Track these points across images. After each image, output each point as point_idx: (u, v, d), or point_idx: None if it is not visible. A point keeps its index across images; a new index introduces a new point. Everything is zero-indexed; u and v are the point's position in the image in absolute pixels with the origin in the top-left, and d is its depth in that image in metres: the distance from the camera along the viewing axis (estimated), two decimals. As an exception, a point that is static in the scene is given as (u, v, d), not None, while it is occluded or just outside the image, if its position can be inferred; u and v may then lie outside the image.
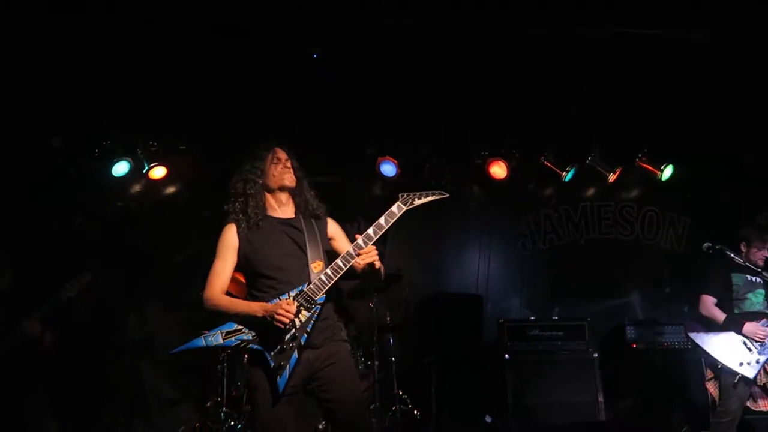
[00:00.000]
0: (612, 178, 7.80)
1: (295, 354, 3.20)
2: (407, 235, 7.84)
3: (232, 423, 6.35)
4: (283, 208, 3.47)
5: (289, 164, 3.51)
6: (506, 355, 6.70)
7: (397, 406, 6.45)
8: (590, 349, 6.82)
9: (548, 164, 7.84)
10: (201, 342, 3.28)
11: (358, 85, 6.82)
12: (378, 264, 3.34)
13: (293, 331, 3.22)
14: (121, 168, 7.30)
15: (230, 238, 3.43)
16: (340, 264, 3.29)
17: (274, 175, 3.47)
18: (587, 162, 7.82)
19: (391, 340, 6.73)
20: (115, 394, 7.22)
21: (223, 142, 7.52)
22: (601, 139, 7.80)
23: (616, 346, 7.12)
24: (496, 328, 7.10)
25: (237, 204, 3.44)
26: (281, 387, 3.17)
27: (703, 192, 8.11)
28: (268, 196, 3.45)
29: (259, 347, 3.23)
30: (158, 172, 7.47)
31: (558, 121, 7.48)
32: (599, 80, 6.80)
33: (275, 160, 3.53)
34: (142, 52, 6.29)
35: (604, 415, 6.66)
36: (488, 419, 6.54)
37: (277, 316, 3.18)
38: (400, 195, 3.48)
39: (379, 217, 3.42)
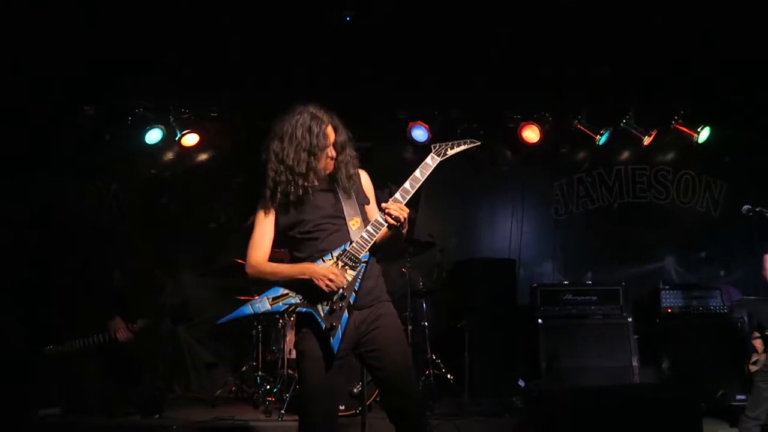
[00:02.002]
0: (647, 141, 7.66)
1: (346, 314, 3.16)
2: (439, 200, 7.82)
3: (268, 387, 6.43)
4: (318, 175, 3.38)
5: (334, 154, 3.36)
6: (539, 320, 6.66)
7: (431, 371, 6.48)
8: (624, 314, 6.75)
9: (581, 127, 7.72)
10: (248, 309, 3.23)
11: (389, 50, 6.75)
12: (402, 221, 3.19)
13: (341, 290, 3.19)
14: (154, 136, 7.37)
15: (265, 208, 3.38)
16: (380, 220, 3.23)
17: (321, 160, 3.32)
18: (622, 125, 7.68)
19: (424, 305, 6.74)
20: (155, 359, 7.33)
21: (254, 108, 7.53)
22: (636, 100, 7.64)
23: (651, 310, 7.03)
24: (528, 292, 7.07)
25: (280, 175, 3.31)
26: (335, 347, 3.12)
27: (740, 155, 7.92)
28: (307, 178, 3.34)
29: (309, 309, 3.18)
30: (190, 140, 7.53)
31: (591, 83, 7.34)
32: (634, 39, 6.65)
33: (326, 144, 3.33)
34: (173, 17, 6.28)
35: (638, 379, 6.63)
36: (521, 383, 6.53)
37: (328, 283, 3.14)
38: (432, 146, 3.39)
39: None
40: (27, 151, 7.22)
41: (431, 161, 3.35)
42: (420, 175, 3.32)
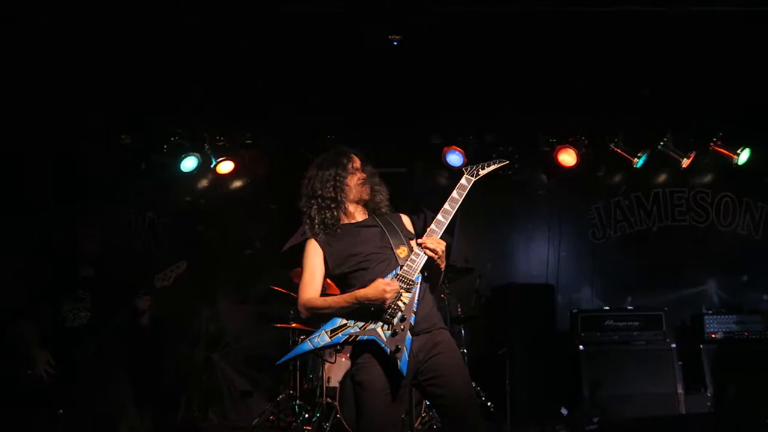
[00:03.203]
0: (686, 163, 7.54)
1: (409, 335, 3.12)
2: (474, 225, 7.75)
3: (307, 416, 6.36)
4: (356, 213, 3.46)
5: (364, 176, 3.47)
6: (581, 346, 6.57)
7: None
8: (668, 339, 6.65)
9: (618, 150, 7.62)
10: (308, 345, 3.19)
11: (423, 75, 6.73)
12: (440, 254, 3.23)
13: (400, 313, 3.16)
14: (189, 164, 7.40)
15: (313, 248, 3.40)
16: (418, 251, 3.26)
17: (351, 186, 3.43)
18: (659, 147, 7.57)
19: (463, 332, 6.66)
20: (190, 386, 7.32)
21: (288, 136, 7.57)
22: (673, 122, 7.53)
23: (694, 335, 6.91)
24: (567, 318, 6.98)
25: (313, 209, 3.41)
26: (404, 369, 3.07)
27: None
28: (344, 204, 3.42)
29: (371, 337, 3.14)
30: (225, 167, 7.54)
31: (628, 105, 7.26)
32: (671, 60, 6.58)
33: (353, 170, 3.47)
34: (208, 45, 6.32)
35: (684, 407, 6.48)
36: (564, 412, 6.41)
37: (386, 295, 3.11)
38: (464, 169, 3.50)
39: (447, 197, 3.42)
40: (64, 179, 7.30)
41: (466, 182, 3.44)
42: (458, 196, 3.40)
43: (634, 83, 6.92)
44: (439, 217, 3.32)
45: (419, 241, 3.26)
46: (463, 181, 3.43)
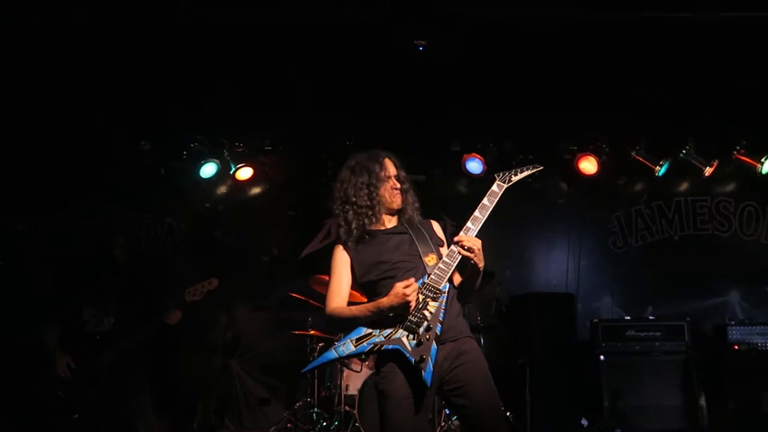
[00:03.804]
0: (708, 171, 7.45)
1: (434, 345, 3.07)
2: (494, 233, 7.66)
3: (325, 424, 6.32)
4: (385, 219, 3.41)
5: (398, 183, 3.40)
6: (601, 356, 6.50)
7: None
8: (690, 351, 6.56)
9: (640, 158, 7.54)
10: (333, 354, 3.16)
11: (443, 82, 6.71)
12: (476, 251, 3.16)
13: (426, 323, 3.10)
14: (209, 170, 7.41)
15: (340, 255, 3.37)
16: (455, 249, 3.19)
17: (383, 195, 3.36)
18: (681, 155, 7.49)
19: (482, 341, 6.59)
20: (207, 393, 7.30)
21: (307, 142, 7.56)
22: (696, 130, 7.45)
23: (717, 347, 6.81)
24: (588, 327, 6.91)
25: (347, 213, 3.36)
26: (429, 380, 3.02)
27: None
28: (379, 213, 3.36)
29: (395, 346, 3.09)
30: (245, 173, 7.55)
31: (650, 113, 7.19)
32: (693, 67, 6.51)
33: (385, 177, 3.39)
34: (227, 51, 6.33)
35: (707, 420, 6.39)
36: (584, 422, 6.34)
37: (406, 299, 3.05)
38: (496, 175, 3.41)
39: (480, 201, 3.34)
40: (84, 185, 7.34)
41: (497, 188, 3.36)
42: (488, 202, 3.32)
43: (656, 90, 6.86)
44: (469, 224, 3.25)
45: (455, 238, 3.18)
46: (494, 187, 3.35)
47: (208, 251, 7.66)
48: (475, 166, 7.45)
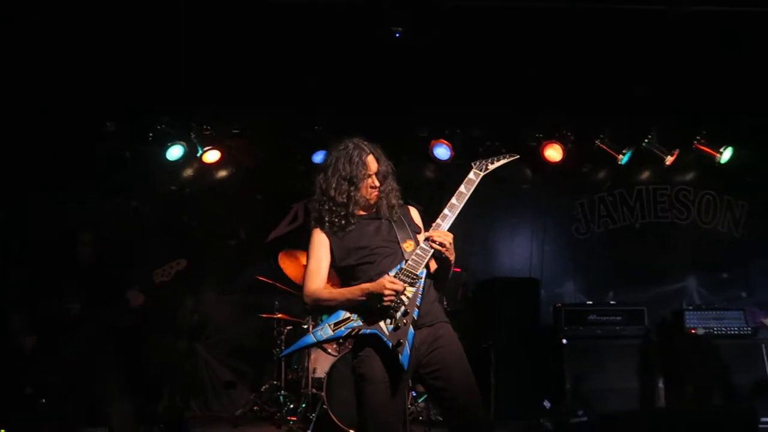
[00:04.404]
0: (669, 160, 7.63)
1: (411, 329, 3.11)
2: (459, 219, 7.73)
3: (292, 406, 6.36)
4: (365, 206, 3.41)
5: (377, 182, 3.38)
6: (564, 340, 6.63)
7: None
8: (649, 335, 6.73)
9: (604, 146, 7.68)
10: (311, 339, 3.19)
11: (411, 68, 6.73)
12: (448, 246, 3.22)
13: (403, 307, 3.15)
14: (175, 152, 7.34)
15: (319, 237, 3.39)
16: (425, 246, 3.25)
17: (361, 193, 3.36)
18: (644, 144, 7.65)
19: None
20: (173, 377, 7.28)
21: (275, 126, 7.54)
22: (658, 120, 7.61)
23: (675, 331, 6.98)
24: (551, 312, 7.04)
25: (324, 205, 3.37)
26: (406, 363, 3.07)
27: (763, 175, 7.89)
28: (353, 210, 3.37)
29: (373, 330, 3.13)
30: (212, 156, 7.50)
31: (615, 103, 7.31)
32: (657, 59, 6.64)
33: (366, 176, 3.37)
34: (194, 33, 6.26)
35: (664, 401, 6.58)
36: (547, 404, 6.44)
37: (387, 292, 3.11)
38: (473, 163, 3.45)
39: (456, 189, 3.38)
40: (47, 168, 7.21)
41: (474, 176, 3.41)
42: (465, 190, 3.38)
43: (621, 81, 6.97)
44: (446, 211, 3.30)
45: (426, 234, 3.24)
46: (471, 175, 3.40)
47: (175, 234, 7.61)
48: (443, 152, 7.52)
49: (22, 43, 6.19)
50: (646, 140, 7.63)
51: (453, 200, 3.33)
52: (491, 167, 3.44)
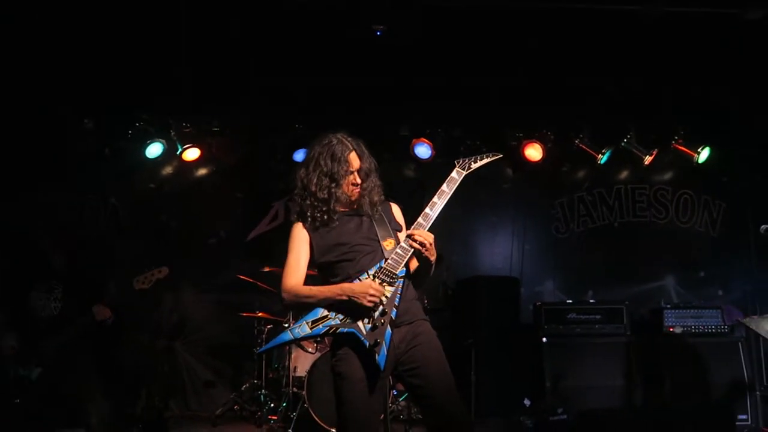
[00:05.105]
0: (648, 160, 7.69)
1: (389, 329, 3.11)
2: (440, 218, 7.74)
3: (273, 405, 6.34)
4: (346, 203, 3.39)
5: (359, 179, 3.36)
6: (544, 338, 6.65)
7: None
8: (628, 333, 6.77)
9: (583, 146, 7.73)
10: (288, 336, 3.17)
11: (392, 67, 6.73)
12: (428, 246, 3.22)
13: (381, 307, 3.14)
14: (154, 150, 7.30)
15: (299, 232, 3.37)
16: (405, 246, 3.24)
17: (343, 191, 3.33)
18: (623, 144, 7.71)
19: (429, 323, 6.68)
20: (151, 377, 7.22)
21: (256, 124, 7.50)
22: (636, 120, 7.67)
23: (653, 330, 7.04)
24: (531, 311, 7.07)
25: (305, 200, 3.35)
26: (382, 364, 3.07)
27: (739, 175, 7.98)
28: (334, 206, 3.35)
29: (350, 329, 3.13)
30: (191, 154, 7.46)
31: (593, 102, 7.37)
32: (636, 59, 6.70)
33: (347, 173, 3.34)
34: (176, 30, 6.22)
35: (642, 399, 6.63)
36: (527, 403, 6.49)
37: (370, 298, 3.11)
38: (456, 161, 3.44)
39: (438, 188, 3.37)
40: (25, 164, 7.12)
41: (457, 175, 3.40)
42: (447, 189, 3.37)
43: (600, 80, 7.03)
44: (427, 210, 3.30)
45: (407, 233, 3.24)
46: (453, 174, 3.39)
47: (154, 233, 7.55)
48: (423, 150, 7.53)
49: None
50: (624, 140, 7.68)
51: (435, 198, 3.33)
52: (474, 166, 3.44)
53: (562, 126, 7.75)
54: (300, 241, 3.37)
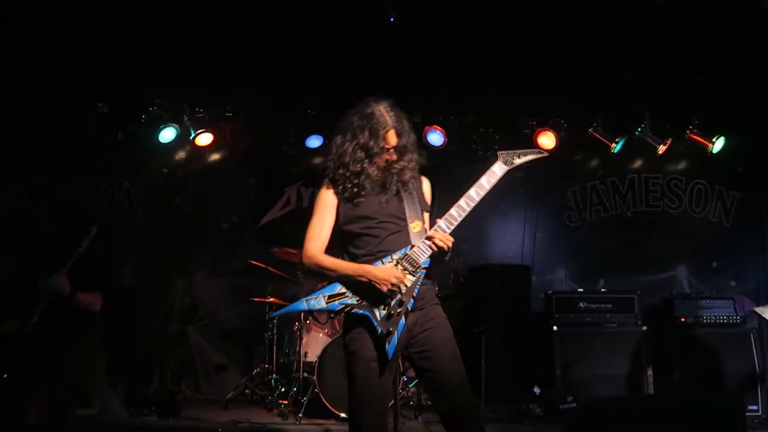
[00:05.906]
0: (662, 149, 7.63)
1: (403, 320, 3.10)
2: (451, 205, 7.74)
3: (283, 389, 6.38)
4: (378, 177, 3.33)
5: (395, 156, 3.28)
6: (554, 327, 6.65)
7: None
8: (639, 322, 6.76)
9: (597, 135, 7.69)
10: (303, 305, 3.15)
11: (406, 53, 6.71)
12: (446, 250, 3.19)
13: (399, 296, 3.13)
14: (168, 134, 7.31)
15: (328, 196, 3.32)
16: (443, 226, 3.21)
17: (378, 165, 3.27)
18: (637, 133, 7.66)
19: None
20: (164, 359, 7.28)
21: (269, 109, 7.50)
22: (651, 109, 7.61)
23: (665, 319, 7.02)
24: (542, 299, 7.06)
25: (338, 169, 3.28)
26: (390, 353, 3.08)
27: (753, 165, 7.93)
28: (367, 179, 3.29)
29: (366, 312, 3.12)
30: (204, 139, 7.46)
31: (608, 91, 7.32)
32: (651, 48, 6.64)
33: (384, 149, 3.26)
34: (190, 15, 6.22)
35: (653, 388, 6.63)
36: (537, 391, 6.50)
37: (391, 287, 3.08)
38: (499, 154, 3.33)
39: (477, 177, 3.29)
40: (40, 149, 7.18)
41: (499, 170, 3.31)
42: (486, 183, 3.29)
43: (615, 69, 6.98)
44: (461, 202, 3.23)
45: (428, 234, 3.19)
46: (495, 168, 3.28)
47: (167, 217, 7.60)
48: (436, 138, 7.50)
49: (12, 25, 6.13)
50: (638, 129, 7.62)
51: (471, 192, 3.26)
52: (517, 162, 3.34)
53: (575, 114, 7.70)
54: (327, 206, 3.32)
